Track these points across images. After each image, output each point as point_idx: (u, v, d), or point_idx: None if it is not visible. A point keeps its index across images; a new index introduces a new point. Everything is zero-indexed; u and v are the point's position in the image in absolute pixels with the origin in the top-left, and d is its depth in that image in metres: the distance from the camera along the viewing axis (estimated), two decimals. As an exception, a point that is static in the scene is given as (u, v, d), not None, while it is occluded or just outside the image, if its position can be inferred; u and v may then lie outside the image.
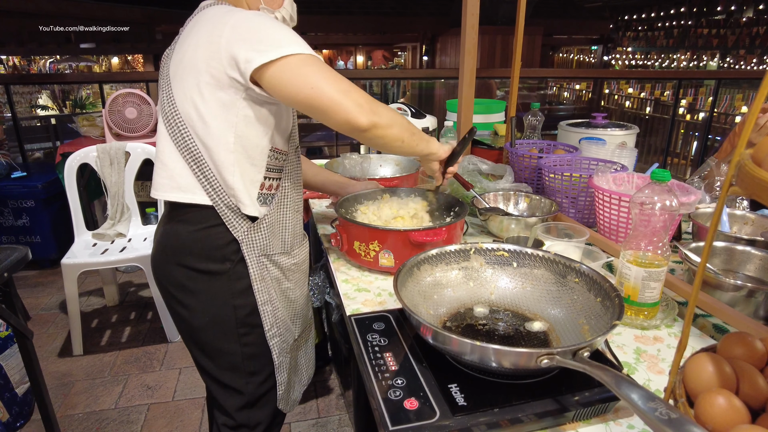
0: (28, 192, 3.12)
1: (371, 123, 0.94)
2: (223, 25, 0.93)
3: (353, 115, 0.92)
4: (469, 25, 1.88)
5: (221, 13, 0.96)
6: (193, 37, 0.98)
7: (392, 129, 1.00)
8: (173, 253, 1.06)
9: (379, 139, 0.99)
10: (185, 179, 1.02)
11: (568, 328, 0.91)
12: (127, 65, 12.82)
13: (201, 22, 0.99)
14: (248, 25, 0.93)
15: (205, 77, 0.95)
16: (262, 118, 1.01)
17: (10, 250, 1.53)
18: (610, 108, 9.40)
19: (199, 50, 0.95)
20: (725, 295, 1.04)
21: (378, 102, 0.98)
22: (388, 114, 0.98)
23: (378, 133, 0.97)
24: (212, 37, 0.94)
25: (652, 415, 0.54)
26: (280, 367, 1.16)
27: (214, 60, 0.94)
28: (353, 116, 0.92)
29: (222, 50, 0.92)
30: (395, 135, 1.01)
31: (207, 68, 0.95)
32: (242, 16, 0.94)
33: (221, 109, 0.97)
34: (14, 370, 1.94)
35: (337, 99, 0.91)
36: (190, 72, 0.97)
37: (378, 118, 0.95)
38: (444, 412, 0.72)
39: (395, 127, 1.00)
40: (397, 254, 1.19)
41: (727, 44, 9.83)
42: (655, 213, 0.92)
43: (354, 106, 0.92)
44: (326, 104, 0.91)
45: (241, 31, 0.92)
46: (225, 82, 0.95)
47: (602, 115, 2.05)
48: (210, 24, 0.96)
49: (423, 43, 12.08)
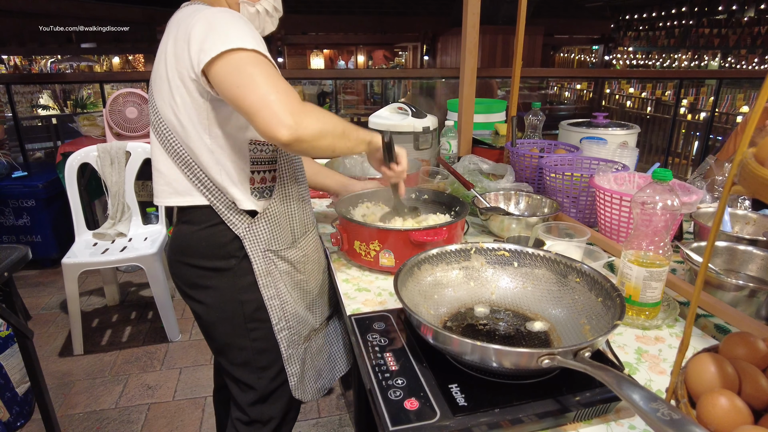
0: (28, 191, 3.12)
1: (293, 137, 0.86)
2: (186, 26, 0.94)
3: (272, 125, 0.84)
4: (470, 24, 1.88)
5: (187, 15, 0.96)
6: (163, 44, 1.00)
7: (320, 141, 0.92)
8: (182, 253, 1.10)
9: (307, 152, 0.94)
10: (181, 184, 1.04)
11: (569, 328, 0.91)
12: (128, 65, 12.83)
13: (171, 27, 1.00)
14: (206, 23, 0.92)
15: (175, 82, 0.96)
16: (229, 115, 1.00)
17: (10, 250, 1.53)
18: (611, 108, 9.38)
19: (169, 56, 0.97)
20: (727, 295, 1.03)
21: (310, 110, 0.90)
22: (315, 125, 0.90)
23: (303, 147, 0.90)
24: (177, 42, 0.95)
25: (654, 415, 0.54)
26: (289, 359, 1.16)
27: (180, 64, 0.95)
28: (272, 126, 0.84)
29: (185, 52, 0.93)
30: (325, 146, 0.94)
31: (176, 73, 0.96)
32: (204, 15, 0.93)
33: (193, 111, 0.98)
34: (15, 370, 1.94)
35: (259, 103, 0.84)
36: (164, 79, 0.98)
37: (302, 131, 0.86)
38: (444, 413, 0.72)
39: (325, 139, 0.93)
40: (397, 254, 1.19)
41: (729, 44, 9.81)
42: (657, 213, 0.92)
43: (277, 115, 0.84)
44: (248, 106, 0.86)
45: (199, 30, 0.91)
46: (190, 84, 0.95)
47: (603, 115, 2.05)
48: (176, 28, 0.97)
49: (424, 42, 12.08)
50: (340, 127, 0.98)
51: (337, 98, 5.42)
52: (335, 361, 1.31)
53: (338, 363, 1.32)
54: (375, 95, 8.99)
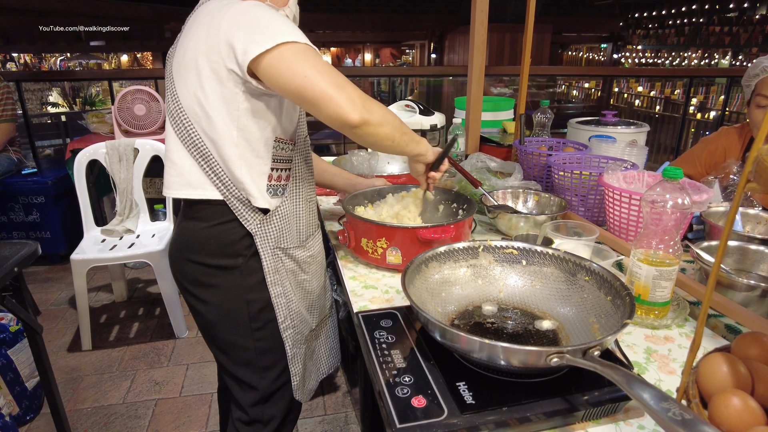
0: (38, 188, 3.14)
1: (362, 120, 0.91)
2: (221, 18, 0.93)
3: (345, 110, 0.90)
4: (479, 22, 1.87)
5: (219, 7, 0.96)
6: (193, 33, 0.99)
7: (383, 128, 0.97)
8: (187, 249, 1.08)
9: (369, 137, 0.97)
10: (195, 176, 1.03)
11: (578, 326, 0.90)
12: (137, 63, 12.90)
13: (200, 18, 0.99)
14: (245, 17, 0.92)
15: (205, 72, 0.96)
16: (262, 111, 1.00)
17: (20, 245, 1.54)
18: (619, 106, 9.33)
19: (199, 46, 0.96)
20: (738, 295, 1.02)
21: (371, 99, 0.96)
22: (380, 112, 0.96)
23: (368, 131, 0.94)
24: (211, 31, 0.94)
25: (665, 415, 0.53)
26: (293, 358, 1.16)
27: (214, 54, 0.94)
28: (344, 111, 0.90)
29: (221, 44, 0.92)
30: (386, 134, 0.99)
31: (207, 63, 0.95)
32: (239, 7, 0.93)
33: (222, 103, 0.97)
34: (24, 365, 1.95)
35: (329, 92, 0.89)
36: (192, 68, 0.97)
37: (369, 115, 0.92)
38: (452, 410, 0.72)
39: (386, 126, 0.98)
40: (404, 251, 1.19)
41: (740, 42, 9.71)
42: (667, 211, 0.91)
43: (346, 100, 0.90)
44: (318, 96, 0.89)
45: (239, 23, 0.92)
46: (224, 75, 0.95)
47: (612, 113, 2.03)
48: (208, 19, 0.96)
49: (431, 40, 12.05)
50: (398, 121, 1.05)
51: (344, 96, 5.40)
52: (320, 364, 1.32)
53: (323, 366, 1.33)
54: (382, 93, 8.98)
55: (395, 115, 1.05)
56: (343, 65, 15.44)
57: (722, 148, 1.70)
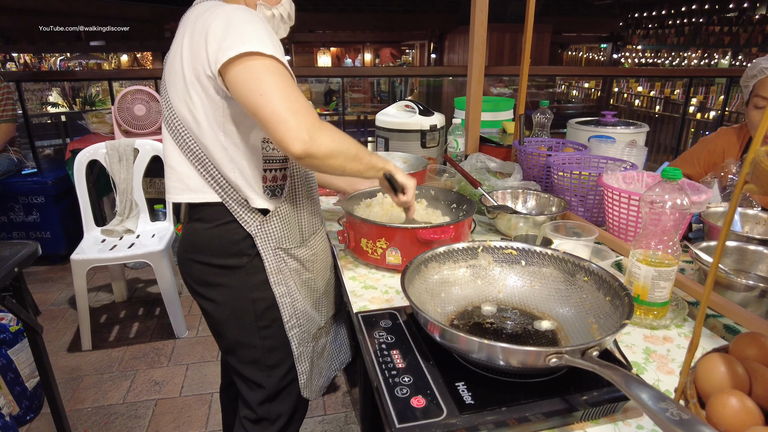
0: (38, 188, 3.15)
1: (305, 152, 0.88)
2: (202, 24, 0.94)
3: (288, 139, 0.87)
4: (478, 22, 1.87)
5: (204, 11, 0.96)
6: (178, 39, 1.00)
7: (331, 160, 0.93)
8: (193, 250, 1.09)
9: (315, 168, 0.96)
10: (194, 180, 1.04)
11: (577, 327, 0.90)
12: (136, 63, 12.90)
13: (187, 23, 0.99)
14: (222, 23, 0.92)
15: (190, 78, 0.97)
16: (244, 114, 1.00)
17: (20, 246, 1.54)
18: (619, 106, 9.32)
19: (184, 52, 0.97)
20: (737, 295, 1.02)
21: (326, 128, 0.92)
22: (330, 145, 0.92)
23: (313, 163, 0.92)
24: (193, 37, 0.95)
25: (662, 415, 0.53)
26: (300, 357, 1.16)
27: (195, 61, 0.95)
28: (288, 140, 0.87)
29: (200, 50, 0.93)
30: (335, 166, 0.96)
31: (191, 70, 0.96)
32: (223, 12, 0.93)
33: (207, 108, 0.98)
34: (24, 364, 1.96)
35: (280, 115, 0.87)
36: (179, 75, 0.98)
37: (315, 148, 0.89)
38: (451, 410, 0.72)
39: (337, 158, 0.94)
40: (404, 252, 1.19)
41: (740, 42, 9.71)
42: (666, 212, 0.91)
43: (295, 128, 0.87)
44: (268, 117, 0.88)
45: (215, 30, 0.91)
46: (205, 82, 0.95)
47: (612, 113, 2.03)
48: (192, 25, 0.97)
49: (431, 40, 12.04)
50: (353, 150, 0.99)
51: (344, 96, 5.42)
52: (332, 360, 1.32)
53: (334, 362, 1.33)
54: (382, 93, 9.00)
55: (353, 142, 1.00)
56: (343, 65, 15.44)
57: (721, 148, 1.70)
